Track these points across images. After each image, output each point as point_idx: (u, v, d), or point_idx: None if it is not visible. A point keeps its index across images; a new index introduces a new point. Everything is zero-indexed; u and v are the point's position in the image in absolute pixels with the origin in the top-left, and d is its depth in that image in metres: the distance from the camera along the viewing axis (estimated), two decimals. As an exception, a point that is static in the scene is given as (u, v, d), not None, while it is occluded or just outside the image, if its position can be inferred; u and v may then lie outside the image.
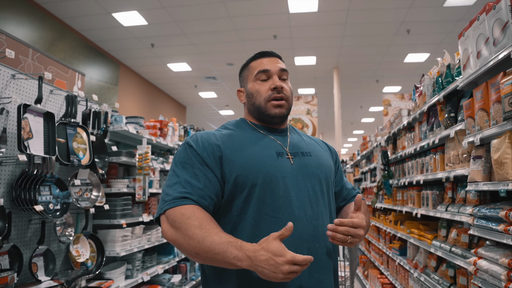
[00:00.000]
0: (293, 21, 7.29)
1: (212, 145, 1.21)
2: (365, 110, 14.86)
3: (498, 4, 1.69)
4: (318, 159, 1.34)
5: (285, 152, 1.28)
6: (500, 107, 1.68)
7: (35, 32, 6.38)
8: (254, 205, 1.16)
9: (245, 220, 1.16)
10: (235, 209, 1.18)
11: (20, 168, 2.34)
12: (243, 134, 1.30)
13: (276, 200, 1.17)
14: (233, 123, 1.39)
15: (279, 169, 1.21)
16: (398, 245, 3.79)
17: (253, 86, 1.33)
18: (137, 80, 10.31)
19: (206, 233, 1.04)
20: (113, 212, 3.11)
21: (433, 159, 2.73)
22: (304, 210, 1.20)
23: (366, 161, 6.61)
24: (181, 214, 1.08)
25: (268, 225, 1.15)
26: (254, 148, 1.24)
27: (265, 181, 1.17)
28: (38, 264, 2.38)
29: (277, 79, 1.31)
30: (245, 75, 1.39)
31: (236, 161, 1.19)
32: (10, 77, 2.33)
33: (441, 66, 2.63)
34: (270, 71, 1.32)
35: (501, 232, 1.65)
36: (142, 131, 3.67)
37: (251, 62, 1.37)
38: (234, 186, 1.17)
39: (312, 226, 1.20)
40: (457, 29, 7.37)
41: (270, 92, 1.30)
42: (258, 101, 1.32)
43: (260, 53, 1.37)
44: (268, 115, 1.31)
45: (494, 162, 1.70)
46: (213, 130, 1.34)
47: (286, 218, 1.16)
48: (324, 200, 1.28)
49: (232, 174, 1.18)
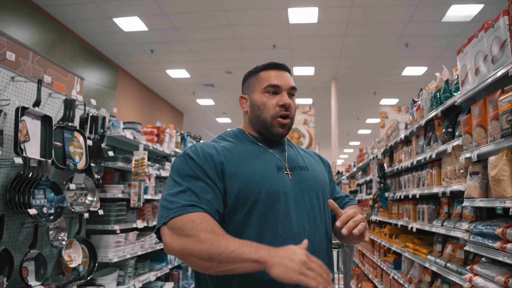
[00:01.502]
0: (293, 31, 7.35)
1: (213, 157, 1.19)
2: (362, 122, 14.93)
3: (497, 22, 1.71)
4: (315, 173, 1.34)
5: (284, 166, 1.27)
6: (497, 124, 1.69)
7: (36, 35, 6.38)
8: (256, 220, 1.15)
9: (245, 235, 1.14)
10: (235, 223, 1.16)
11: (15, 171, 2.32)
12: (243, 147, 1.28)
13: (277, 216, 1.16)
14: (231, 134, 1.36)
15: (280, 184, 1.20)
16: (393, 258, 3.77)
17: (260, 98, 1.30)
18: (135, 85, 10.31)
19: (219, 236, 1.02)
20: (107, 217, 3.08)
21: (429, 173, 2.73)
22: (303, 225, 1.20)
23: (362, 173, 6.61)
24: (190, 221, 1.04)
25: (269, 241, 1.12)
26: (256, 162, 1.23)
27: (267, 196, 1.16)
28: (29, 268, 2.35)
29: (286, 97, 1.28)
30: (252, 83, 1.34)
31: (238, 175, 1.17)
32: (10, 79, 2.32)
33: (440, 81, 2.65)
34: (280, 87, 1.29)
35: (497, 250, 1.64)
36: (139, 137, 3.66)
37: (261, 71, 1.33)
38: (236, 201, 1.15)
39: (310, 242, 1.17)
40: (455, 44, 7.46)
41: (277, 109, 1.27)
42: (264, 115, 1.29)
43: (272, 64, 1.33)
44: (271, 132, 1.29)
45: (491, 179, 1.70)
46: (210, 139, 1.32)
47: (286, 234, 1.16)
48: (321, 215, 1.28)
49: (234, 188, 1.15)
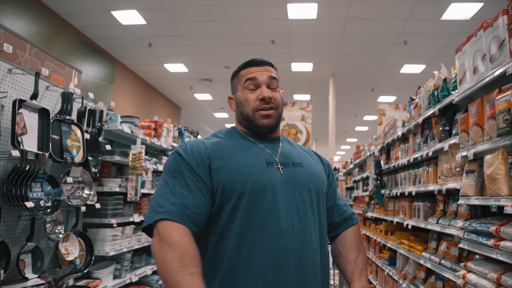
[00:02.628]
0: (292, 27, 7.33)
1: (201, 153, 1.21)
2: (359, 119, 14.95)
3: (496, 21, 1.72)
4: (310, 170, 1.32)
5: (275, 161, 1.26)
6: (494, 123, 1.71)
7: (33, 27, 6.34)
8: (241, 214, 1.15)
9: (231, 229, 1.15)
10: (223, 218, 1.17)
11: (12, 164, 2.31)
12: (232, 142, 1.29)
13: (263, 210, 1.16)
14: (223, 131, 1.38)
15: (268, 179, 1.20)
16: (388, 255, 3.80)
17: (242, 94, 1.32)
18: (133, 79, 10.27)
19: (182, 268, 1.02)
20: (104, 211, 3.08)
21: (426, 171, 2.75)
22: (292, 221, 1.18)
23: (359, 170, 6.64)
24: (169, 234, 1.07)
25: (253, 235, 1.13)
26: (243, 156, 1.23)
27: (253, 190, 1.16)
28: (26, 261, 2.35)
29: (265, 89, 1.29)
30: (235, 83, 1.38)
31: (224, 169, 1.18)
32: (7, 72, 2.31)
33: (438, 79, 2.66)
34: (258, 79, 1.30)
35: (491, 247, 1.66)
36: (137, 131, 3.65)
37: (241, 70, 1.36)
38: (222, 195, 1.16)
39: (299, 239, 1.17)
40: (454, 42, 7.46)
41: (258, 103, 1.29)
42: (246, 111, 1.31)
43: (250, 61, 1.35)
44: (256, 125, 1.30)
45: (487, 177, 1.72)
46: (208, 134, 1.32)
47: (272, 229, 1.15)
48: (313, 212, 1.26)
49: (220, 183, 1.17)
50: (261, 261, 1.12)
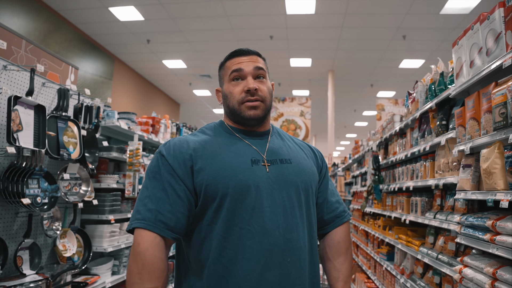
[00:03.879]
0: (290, 22, 7.30)
1: (183, 153, 1.17)
2: (358, 114, 14.94)
3: (492, 14, 1.71)
4: (299, 167, 1.26)
5: (262, 159, 1.21)
6: (490, 117, 1.70)
7: (30, 23, 6.31)
8: (224, 215, 1.12)
9: (214, 231, 1.12)
10: (206, 219, 1.14)
11: (9, 160, 2.31)
12: (217, 140, 1.24)
13: (247, 211, 1.12)
14: (211, 126, 1.33)
15: (252, 178, 1.15)
16: (386, 250, 3.81)
17: (228, 87, 1.27)
18: (131, 76, 10.25)
19: (139, 280, 1.05)
20: (102, 207, 3.08)
21: (423, 166, 2.75)
22: (277, 222, 1.14)
23: (357, 165, 6.64)
24: (137, 244, 1.08)
25: (237, 237, 1.11)
26: (227, 155, 1.18)
27: (235, 191, 1.12)
28: (24, 257, 2.35)
29: (251, 81, 1.23)
30: (221, 74, 1.32)
31: (207, 170, 1.14)
32: (2, 68, 2.30)
33: (435, 73, 2.65)
34: (243, 70, 1.24)
35: (487, 242, 1.66)
36: (134, 127, 3.65)
37: (227, 61, 1.30)
38: (205, 196, 1.13)
39: (284, 239, 1.14)
40: (453, 36, 7.44)
41: (243, 95, 1.23)
42: (231, 103, 1.25)
43: (236, 51, 1.29)
44: (243, 117, 1.24)
45: (483, 171, 1.71)
46: (190, 134, 1.29)
47: (257, 230, 1.11)
48: (302, 211, 1.22)
49: (202, 184, 1.13)
50: (246, 263, 1.10)
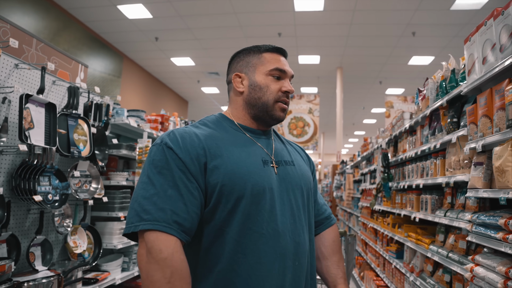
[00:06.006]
0: (298, 19, 7.27)
1: (195, 148, 1.07)
2: (367, 111, 14.85)
3: (507, 10, 1.68)
4: (300, 169, 1.26)
5: (270, 160, 1.18)
6: (503, 114, 1.68)
7: (40, 22, 6.37)
8: (239, 219, 1.05)
9: (227, 234, 1.05)
10: (217, 220, 1.06)
11: (21, 158, 2.34)
12: (226, 135, 1.17)
13: (262, 214, 1.08)
14: (212, 119, 1.24)
15: (267, 180, 1.11)
16: (395, 248, 3.79)
17: (264, 79, 1.21)
18: (140, 73, 10.30)
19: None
20: (112, 204, 3.11)
21: (433, 163, 2.72)
22: (288, 225, 1.12)
23: (366, 163, 6.60)
24: (159, 250, 0.96)
25: (251, 241, 1.05)
26: (240, 154, 1.12)
27: (252, 193, 1.07)
28: (36, 253, 2.38)
29: (289, 84, 1.23)
30: (253, 62, 1.23)
31: (222, 168, 1.06)
32: (13, 67, 2.32)
33: (446, 70, 2.61)
34: (287, 73, 1.23)
35: (499, 240, 1.64)
36: (143, 125, 3.66)
37: (266, 52, 1.24)
38: (219, 197, 1.05)
39: (294, 243, 1.12)
40: (463, 33, 7.35)
41: (280, 94, 1.21)
42: (265, 98, 1.20)
43: (277, 48, 1.26)
44: (272, 115, 1.21)
45: (496, 169, 1.69)
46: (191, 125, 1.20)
47: (270, 234, 1.07)
48: (305, 214, 1.21)
49: (217, 184, 1.05)
50: (259, 269, 1.05)
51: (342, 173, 9.65)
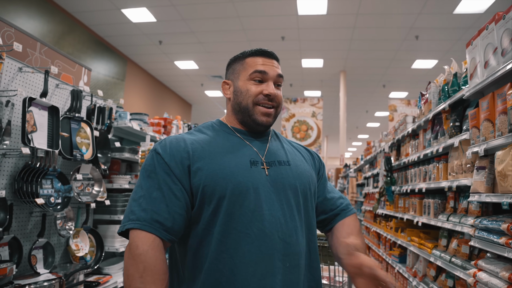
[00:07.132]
0: (302, 23, 7.28)
1: (180, 152, 1.12)
2: (370, 115, 14.82)
3: (508, 14, 1.68)
4: (297, 169, 1.23)
5: (260, 161, 1.18)
6: (506, 119, 1.67)
7: (45, 26, 6.42)
8: (222, 218, 1.07)
9: (211, 234, 1.08)
10: (202, 221, 1.09)
11: (23, 161, 2.35)
12: (216, 139, 1.20)
13: (246, 214, 1.08)
14: (208, 125, 1.28)
15: (251, 180, 1.11)
16: (398, 252, 3.77)
17: (245, 84, 1.22)
18: (143, 77, 10.34)
19: (141, 284, 0.99)
20: (114, 208, 3.12)
21: (436, 167, 2.71)
22: (277, 225, 1.10)
23: (369, 166, 6.58)
24: (135, 246, 1.02)
25: (235, 241, 1.06)
26: (225, 156, 1.14)
27: (234, 193, 1.08)
28: (38, 256, 2.39)
29: (272, 86, 1.21)
30: (237, 69, 1.26)
31: (204, 170, 1.10)
32: (17, 70, 2.34)
33: (448, 74, 2.61)
34: (268, 74, 1.21)
35: (502, 245, 1.63)
36: (146, 128, 3.68)
37: (248, 57, 1.25)
38: (202, 198, 1.09)
39: (283, 244, 1.10)
40: (467, 36, 7.32)
41: (260, 97, 1.20)
42: (245, 101, 1.21)
43: (260, 51, 1.26)
44: (254, 120, 1.21)
45: (498, 174, 1.68)
46: (186, 133, 1.25)
47: (256, 234, 1.07)
48: (300, 214, 1.19)
49: (199, 185, 1.09)
50: (244, 269, 1.05)
51: (345, 176, 9.62)
